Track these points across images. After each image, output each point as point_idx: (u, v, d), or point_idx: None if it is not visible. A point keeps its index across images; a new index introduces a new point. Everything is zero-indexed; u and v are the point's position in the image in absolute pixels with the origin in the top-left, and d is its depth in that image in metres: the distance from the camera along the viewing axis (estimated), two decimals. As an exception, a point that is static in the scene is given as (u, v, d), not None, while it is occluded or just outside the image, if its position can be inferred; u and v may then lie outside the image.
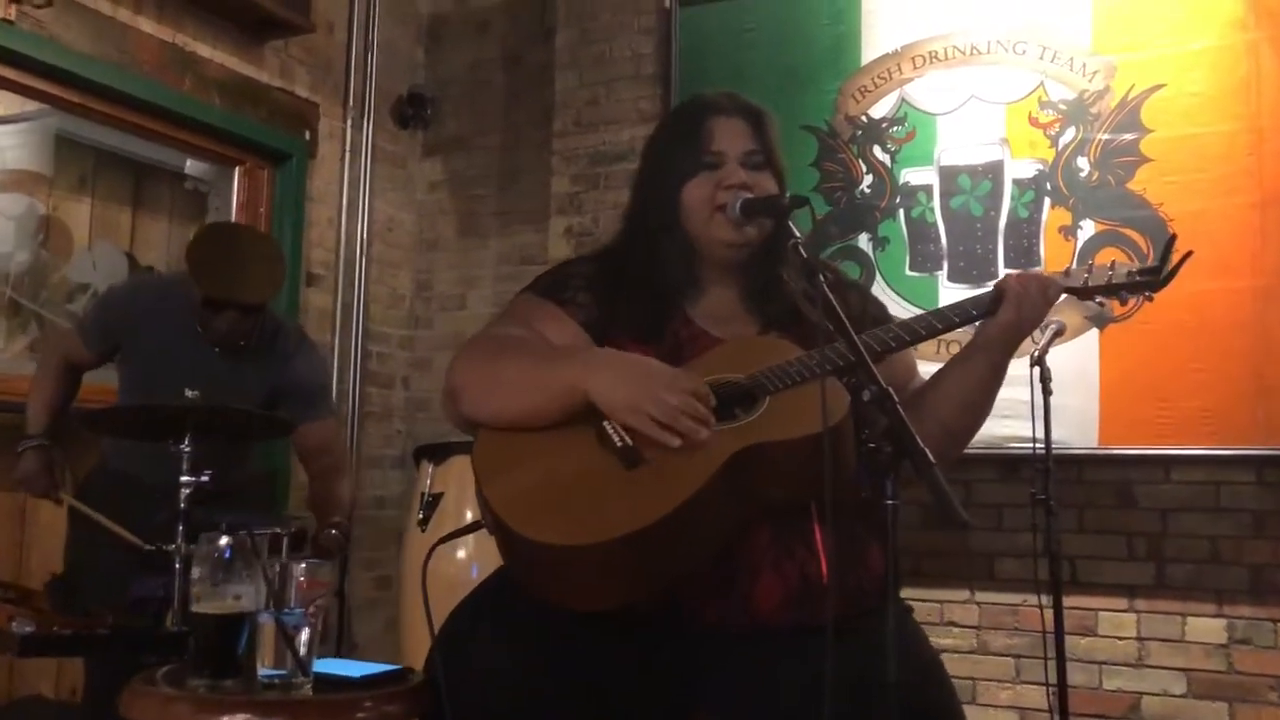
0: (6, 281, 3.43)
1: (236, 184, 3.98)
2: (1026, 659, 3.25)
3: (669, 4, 3.99)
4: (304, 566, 1.51)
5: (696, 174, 1.65)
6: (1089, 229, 3.27)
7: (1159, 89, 3.22)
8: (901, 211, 3.53)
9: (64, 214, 3.58)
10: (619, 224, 1.80)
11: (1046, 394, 2.59)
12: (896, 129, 3.56)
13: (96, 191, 3.64)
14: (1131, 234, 3.20)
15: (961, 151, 3.47)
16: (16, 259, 3.47)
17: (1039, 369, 2.60)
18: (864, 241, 3.56)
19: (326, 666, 1.59)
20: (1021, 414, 2.67)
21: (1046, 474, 2.48)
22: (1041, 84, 3.38)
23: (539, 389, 1.50)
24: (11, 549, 3.21)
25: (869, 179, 3.59)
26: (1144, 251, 3.15)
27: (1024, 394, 2.57)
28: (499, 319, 1.75)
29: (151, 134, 3.67)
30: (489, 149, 4.59)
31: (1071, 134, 3.32)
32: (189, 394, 2.45)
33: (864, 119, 3.61)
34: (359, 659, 4.10)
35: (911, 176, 3.53)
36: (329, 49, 4.25)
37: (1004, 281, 1.64)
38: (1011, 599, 3.30)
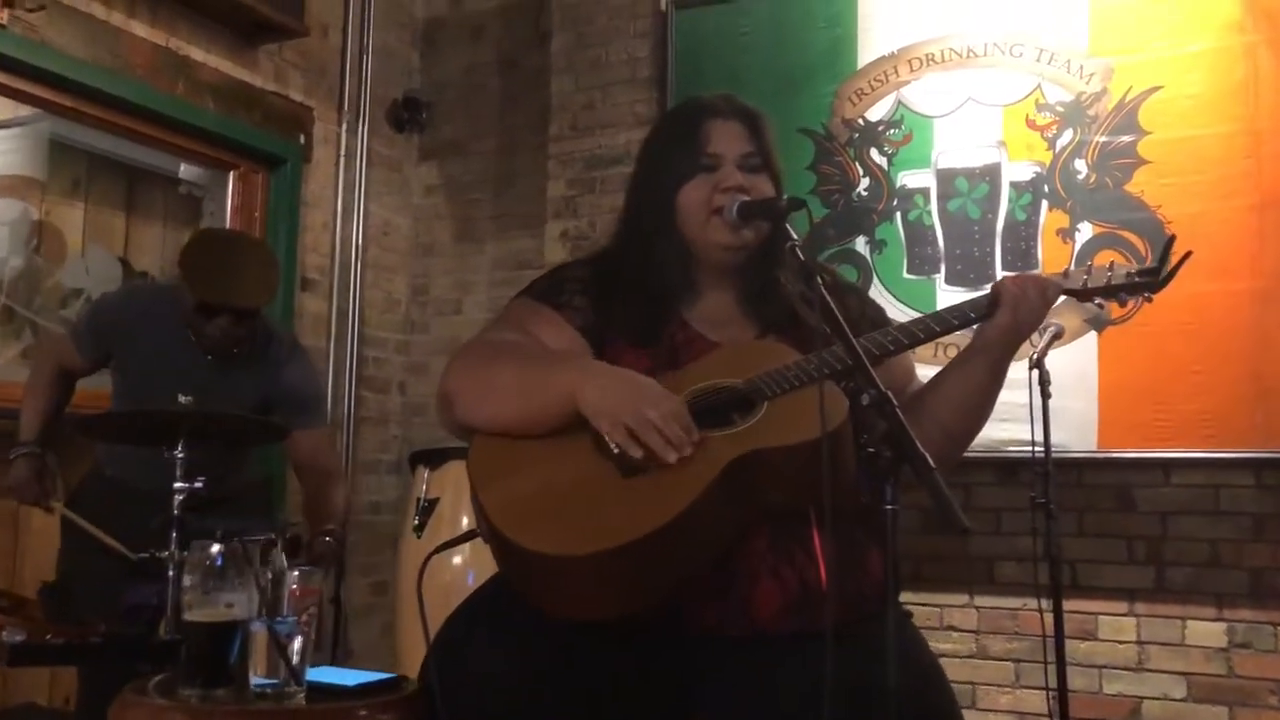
0: (0, 288, 3.41)
1: (231, 188, 3.97)
2: (1026, 663, 3.23)
3: (664, 7, 3.98)
4: (297, 574, 1.49)
5: (693, 176, 1.63)
6: (1087, 231, 3.27)
7: (1156, 91, 3.21)
8: (899, 214, 3.52)
9: (57, 219, 3.56)
10: (614, 227, 1.78)
11: (1045, 397, 2.58)
12: (893, 132, 3.55)
13: (90, 196, 3.63)
14: (1129, 236, 3.19)
15: (959, 154, 3.46)
16: (10, 265, 3.45)
17: (1037, 372, 2.59)
18: (861, 244, 3.55)
19: (320, 675, 1.58)
20: (1020, 417, 2.65)
21: (1046, 477, 2.47)
22: (1039, 86, 3.37)
23: (535, 394, 1.49)
24: (4, 557, 3.19)
25: (866, 182, 3.57)
26: (1142, 254, 3.14)
27: (1022, 397, 2.56)
28: (494, 324, 1.73)
29: (145, 138, 3.65)
30: (485, 153, 4.57)
31: (1069, 136, 3.31)
32: (182, 399, 2.43)
33: (861, 122, 3.60)
34: (355, 665, 4.07)
35: (908, 179, 3.52)
36: (323, 53, 4.23)
37: (1001, 284, 1.62)
38: (1011, 603, 3.28)
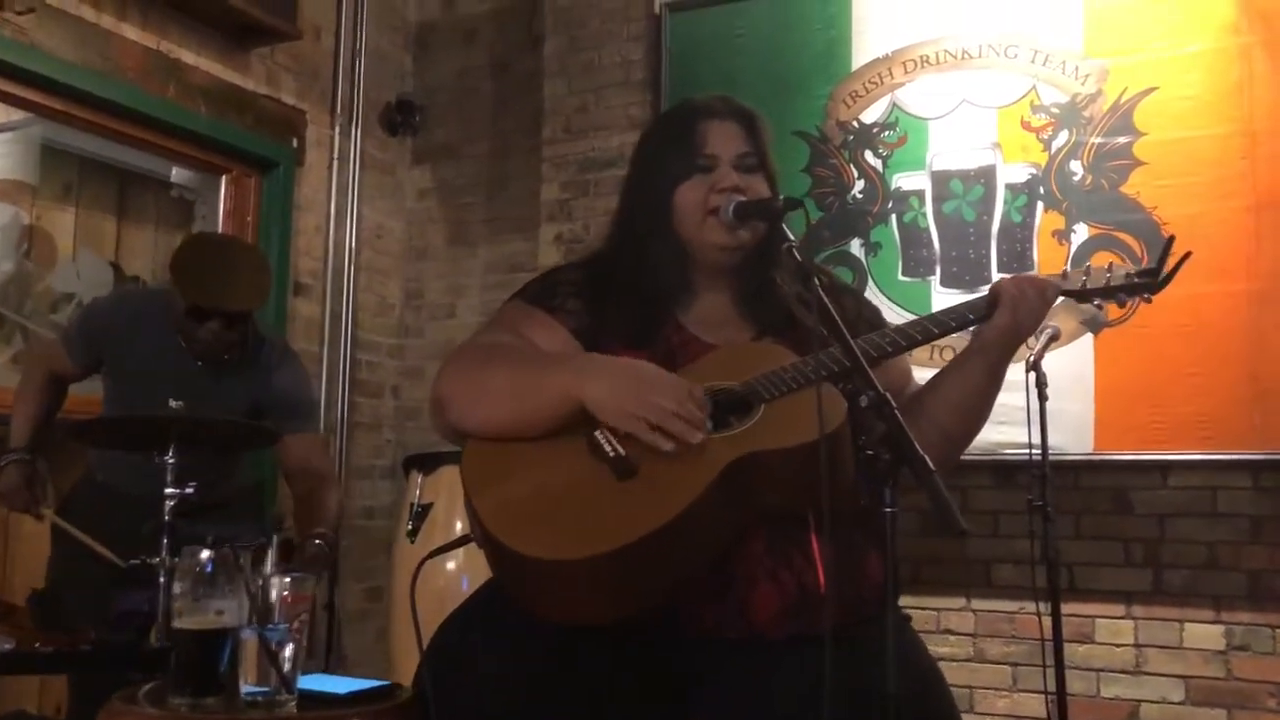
0: (-10, 293, 3.39)
1: (223, 192, 3.96)
2: (1024, 667, 3.22)
3: (658, 10, 3.97)
4: (288, 580, 1.47)
5: (689, 177, 1.61)
6: (1082, 233, 3.26)
7: (1152, 92, 3.21)
8: (893, 217, 3.51)
9: (48, 223, 3.54)
10: (608, 229, 1.77)
11: (1042, 399, 2.57)
12: (888, 134, 3.54)
13: (81, 200, 3.61)
14: (1125, 238, 3.19)
15: (953, 156, 3.45)
16: (0, 269, 3.42)
17: (1034, 374, 2.58)
18: (856, 247, 3.54)
19: (312, 683, 1.55)
20: (1017, 420, 2.65)
21: (1044, 480, 2.46)
22: (1033, 88, 3.36)
23: (529, 396, 1.47)
24: (-6, 564, 3.17)
25: (861, 184, 3.56)
26: (1138, 255, 3.14)
27: (1019, 400, 2.56)
28: (487, 327, 1.71)
29: (136, 142, 3.63)
30: (478, 156, 4.56)
31: (1064, 138, 3.31)
32: (173, 404, 2.41)
33: (855, 124, 3.59)
34: (349, 671, 4.05)
35: (903, 181, 3.51)
36: (316, 56, 4.21)
37: (1000, 285, 1.61)
38: (1008, 606, 3.27)
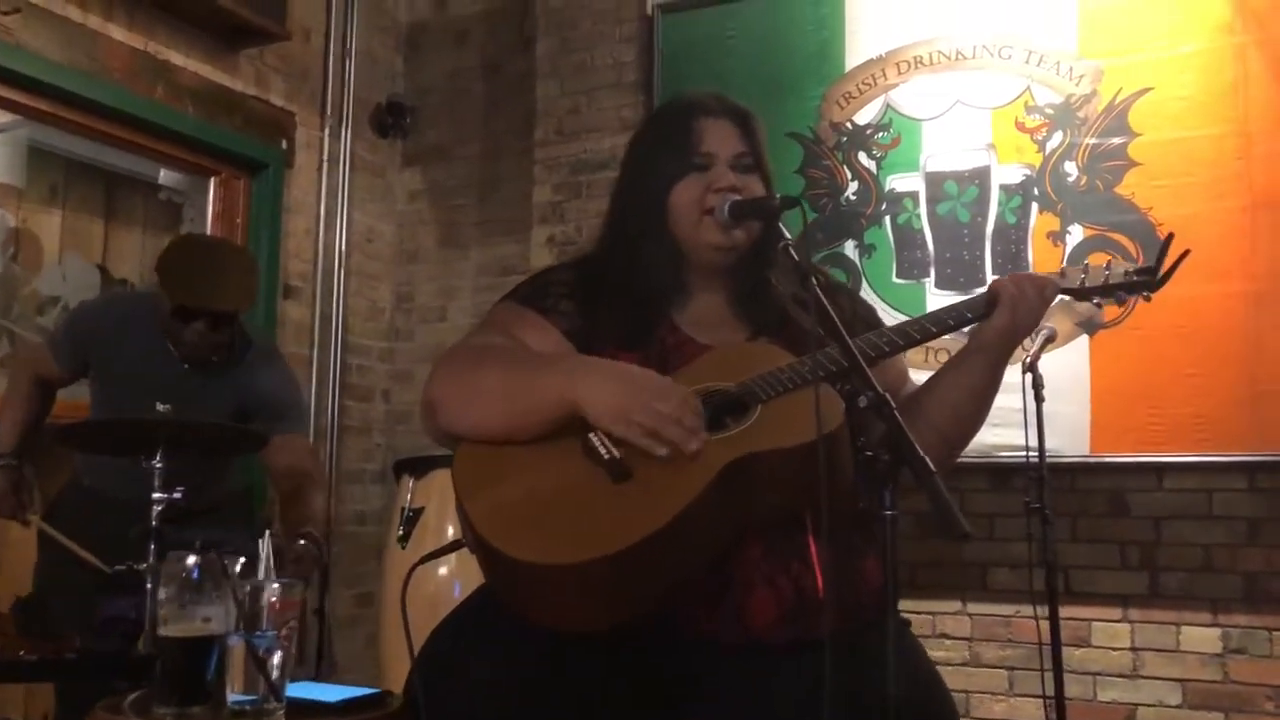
0: (-25, 296, 3.36)
1: (212, 194, 3.92)
2: (1020, 670, 3.20)
3: (650, 11, 3.95)
4: (276, 587, 1.44)
5: (684, 176, 1.59)
6: (1077, 234, 3.25)
7: (1146, 93, 3.20)
8: (887, 218, 3.49)
9: (34, 226, 3.50)
10: (600, 230, 1.74)
11: (1039, 401, 2.55)
12: (882, 135, 3.53)
13: (68, 203, 3.57)
14: (1120, 239, 3.17)
15: (948, 157, 3.43)
16: (-15, 272, 3.39)
17: (1031, 376, 2.57)
18: (850, 249, 3.53)
19: (301, 691, 1.53)
20: (1012, 422, 2.63)
21: (1041, 482, 2.44)
22: (1028, 88, 3.35)
23: (522, 399, 1.44)
24: (-21, 570, 3.13)
25: (854, 186, 3.55)
26: (1134, 256, 3.12)
27: (1015, 401, 2.53)
28: (478, 328, 1.68)
29: (124, 143, 3.60)
30: (469, 158, 4.53)
31: (1059, 138, 3.29)
32: (160, 408, 2.38)
33: (849, 125, 3.57)
34: (340, 678, 4.01)
35: (897, 183, 3.50)
36: (305, 57, 4.19)
37: (999, 283, 1.59)
38: (1004, 610, 3.25)
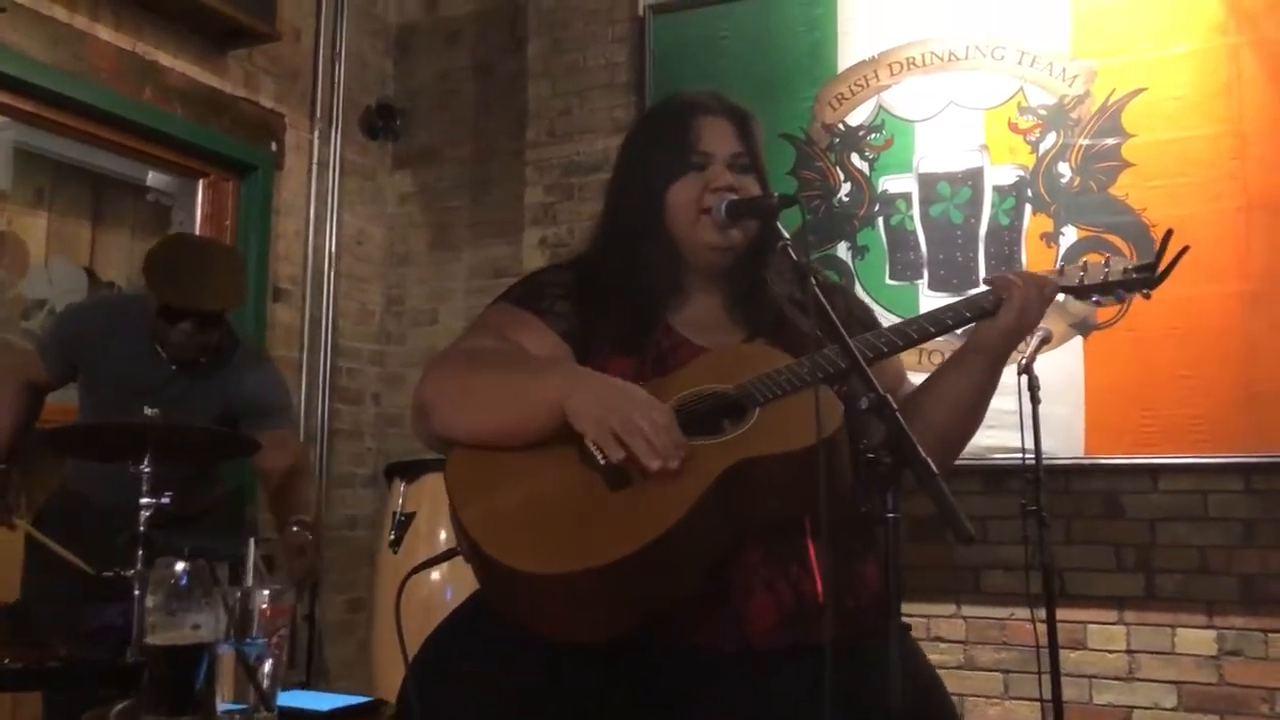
0: (-40, 300, 3.31)
1: (200, 196, 3.89)
2: (1015, 674, 3.19)
3: (642, 12, 3.93)
4: (267, 593, 1.42)
5: (682, 175, 1.57)
6: (1071, 235, 3.24)
7: (1140, 93, 3.19)
8: (880, 220, 3.48)
9: (20, 229, 3.46)
10: (594, 230, 1.71)
11: (1035, 403, 2.54)
12: (874, 136, 3.51)
13: (54, 205, 3.52)
14: (1115, 240, 3.17)
15: (941, 158, 3.42)
16: (-30, 276, 3.35)
17: (1026, 377, 2.55)
18: (843, 250, 3.51)
19: (293, 700, 1.50)
20: (1006, 424, 2.61)
21: (1038, 484, 2.43)
22: (1021, 89, 3.34)
23: (517, 403, 1.42)
24: (-35, 577, 3.08)
25: (847, 187, 3.54)
26: (1128, 258, 3.08)
27: (1009, 403, 2.52)
28: (471, 331, 1.64)
29: (111, 145, 3.56)
30: (460, 160, 4.51)
31: (1052, 139, 3.29)
32: (148, 412, 2.36)
33: (841, 127, 3.56)
34: (331, 684, 3.98)
35: (890, 184, 3.49)
36: (295, 58, 4.15)
37: (1005, 283, 1.55)
38: (999, 613, 3.24)
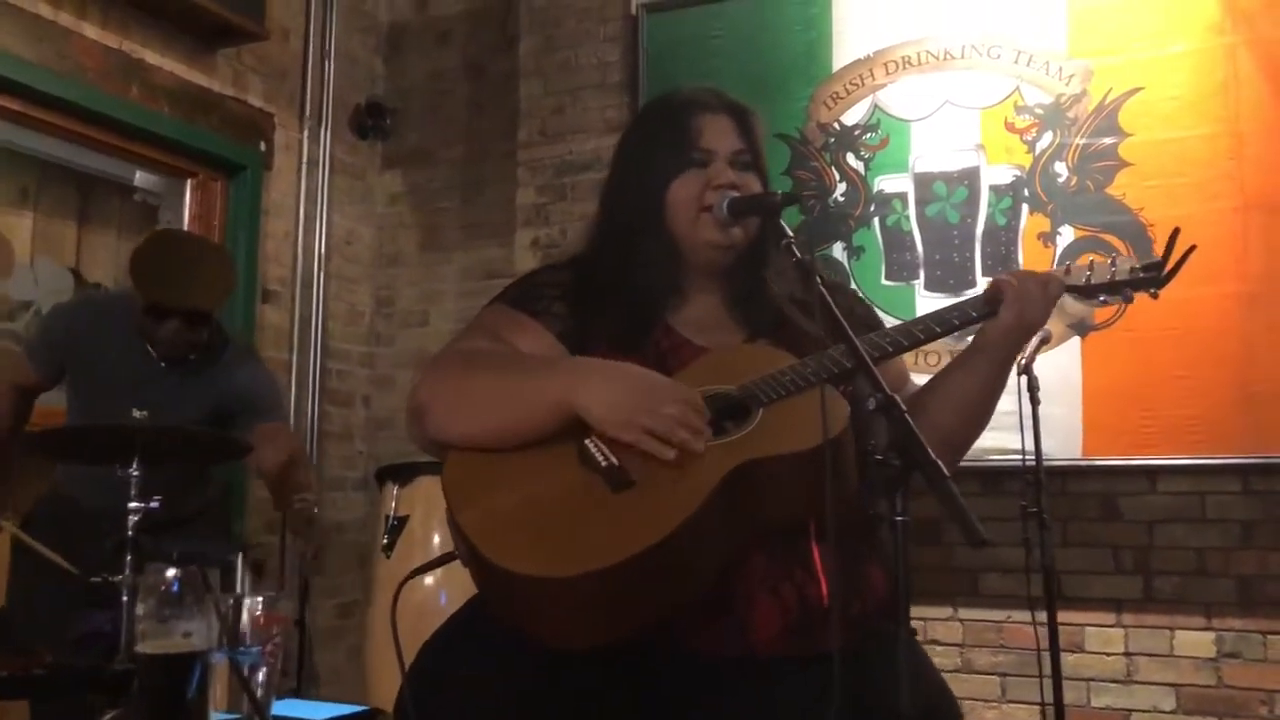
0: (-56, 301, 3.27)
1: (188, 197, 3.85)
2: (1013, 677, 3.17)
3: (635, 10, 3.91)
4: (260, 600, 1.38)
5: (683, 172, 1.54)
6: (1068, 235, 3.22)
7: (1137, 93, 3.18)
8: (876, 220, 3.46)
9: (5, 229, 3.41)
10: (591, 229, 1.68)
11: (1035, 404, 2.52)
12: (870, 136, 3.49)
13: (40, 205, 3.48)
14: (1112, 239, 3.15)
15: (936, 158, 3.40)
16: (-46, 276, 3.30)
17: (1026, 378, 2.53)
18: (838, 251, 3.49)
19: (287, 709, 1.47)
20: (1003, 424, 2.56)
21: (1038, 486, 2.40)
22: (1017, 88, 3.32)
23: (515, 404, 1.39)
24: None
25: (842, 187, 3.51)
26: (1127, 258, 3.10)
27: (1007, 404, 2.45)
28: (466, 332, 1.61)
29: (97, 144, 3.52)
30: (451, 160, 4.47)
31: (1049, 139, 3.27)
32: (137, 414, 2.32)
33: (836, 126, 3.53)
34: (321, 691, 3.93)
35: (886, 184, 3.46)
36: (284, 57, 4.11)
37: (1002, 281, 1.55)
38: (996, 615, 3.22)
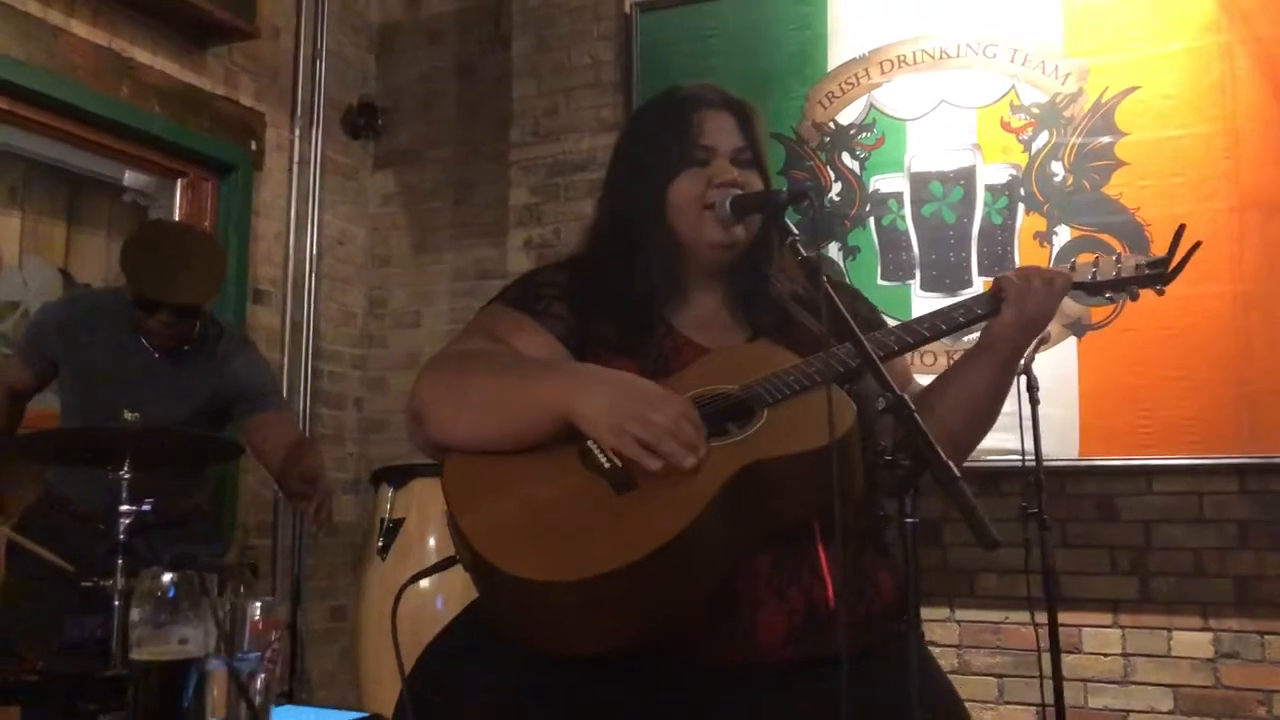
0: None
1: (179, 197, 3.81)
2: (1010, 678, 3.16)
3: (628, 9, 3.89)
4: (259, 605, 1.35)
5: (684, 170, 1.52)
6: (1064, 235, 3.21)
7: (1133, 91, 3.17)
8: (872, 220, 3.45)
9: (-8, 229, 3.38)
10: (590, 228, 1.66)
11: (1034, 404, 2.50)
12: (865, 135, 3.48)
13: (28, 205, 3.44)
14: (1108, 239, 3.14)
15: (932, 157, 3.39)
16: (-59, 277, 3.27)
17: (1025, 378, 2.52)
18: (834, 251, 3.48)
19: (286, 716, 1.44)
20: (1002, 425, 2.51)
21: (1039, 487, 2.39)
22: (1013, 87, 3.31)
23: (514, 408, 1.36)
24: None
25: (838, 187, 3.50)
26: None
27: (1005, 404, 2.48)
28: (464, 334, 1.58)
29: (87, 143, 3.48)
30: (443, 160, 4.45)
31: (1045, 138, 3.26)
32: (128, 416, 2.29)
33: (832, 125, 3.52)
34: (313, 694, 3.89)
35: (881, 184, 3.45)
36: (275, 56, 4.08)
37: (1003, 279, 1.54)
38: (993, 616, 3.21)
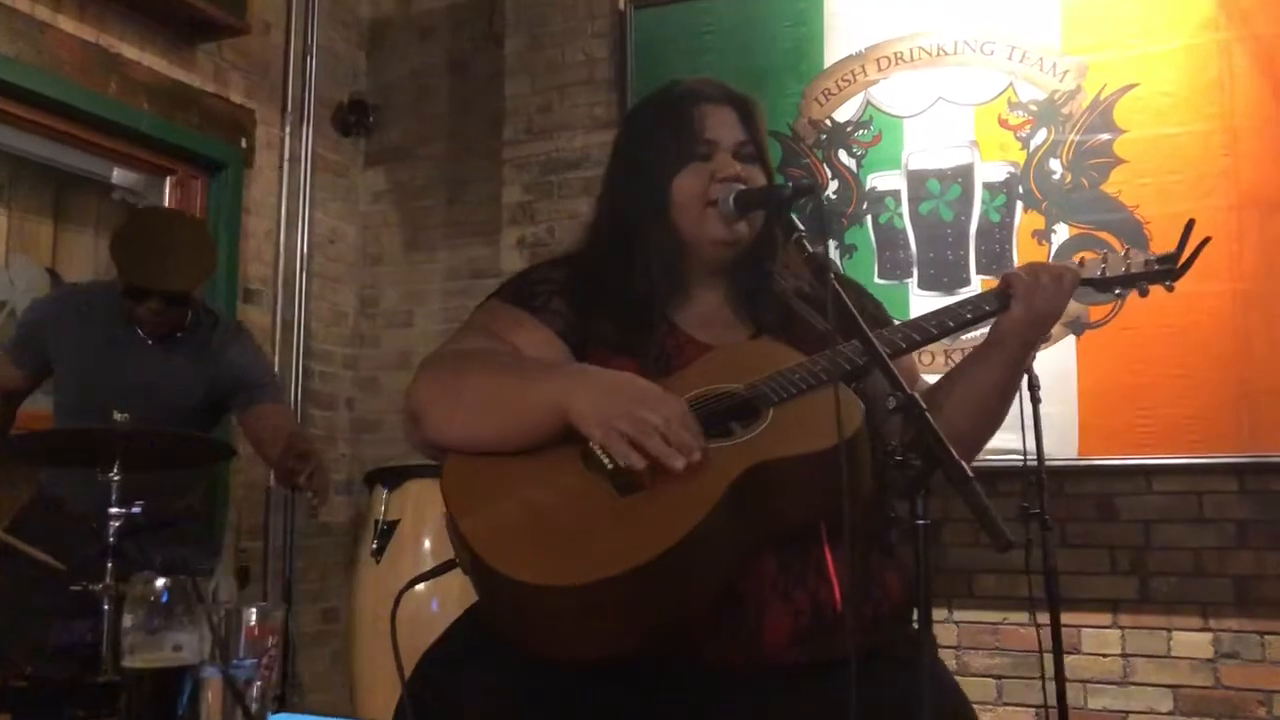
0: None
1: (168, 195, 3.78)
2: (1009, 679, 3.14)
3: (623, 6, 3.86)
4: (255, 610, 1.32)
5: (687, 165, 1.50)
6: (1063, 233, 3.19)
7: (1132, 89, 3.15)
8: (869, 217, 3.42)
9: (-23, 227, 3.34)
10: (589, 225, 1.63)
11: (1035, 403, 2.48)
12: (862, 132, 3.46)
13: (14, 202, 3.40)
14: (1107, 237, 3.12)
15: (930, 155, 3.37)
16: (-74, 275, 3.22)
17: (1026, 376, 2.49)
18: (831, 249, 3.44)
19: (281, 723, 1.41)
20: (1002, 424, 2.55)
21: (1040, 487, 2.37)
22: (1011, 85, 3.29)
23: (514, 406, 1.33)
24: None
25: (835, 184, 3.47)
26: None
27: (1007, 403, 2.46)
28: (461, 332, 1.55)
29: (74, 141, 3.45)
30: (435, 158, 4.41)
31: (1043, 136, 3.24)
32: (118, 417, 2.26)
33: (828, 122, 3.50)
34: (305, 700, 3.85)
35: (879, 181, 3.43)
36: (265, 52, 4.04)
37: (1011, 274, 1.52)
38: (992, 617, 3.19)
